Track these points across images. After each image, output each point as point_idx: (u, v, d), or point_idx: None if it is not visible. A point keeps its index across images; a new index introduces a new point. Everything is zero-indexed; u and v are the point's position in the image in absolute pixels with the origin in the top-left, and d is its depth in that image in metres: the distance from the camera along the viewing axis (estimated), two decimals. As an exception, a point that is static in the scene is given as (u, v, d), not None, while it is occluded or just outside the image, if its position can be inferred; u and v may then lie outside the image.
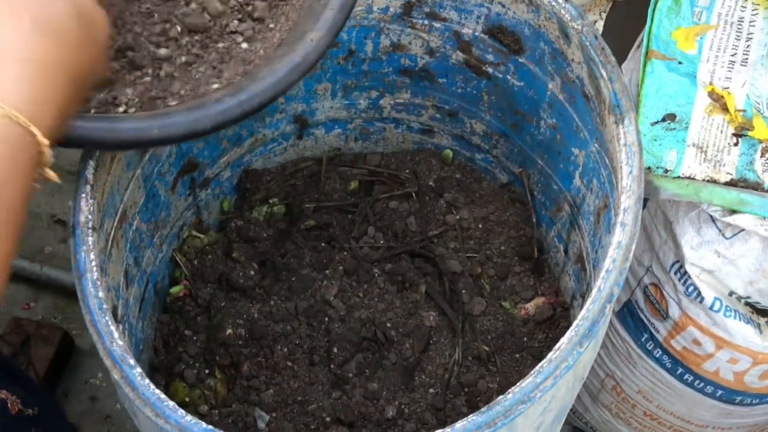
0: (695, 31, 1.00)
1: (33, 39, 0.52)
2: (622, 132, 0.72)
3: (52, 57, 0.53)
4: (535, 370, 0.59)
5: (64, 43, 0.54)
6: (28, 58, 0.52)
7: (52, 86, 0.53)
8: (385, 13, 0.93)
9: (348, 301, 0.98)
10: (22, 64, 0.51)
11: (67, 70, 0.54)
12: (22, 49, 0.52)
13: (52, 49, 0.53)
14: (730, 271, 0.99)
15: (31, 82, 0.51)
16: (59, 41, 0.53)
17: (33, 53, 0.52)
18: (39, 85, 0.52)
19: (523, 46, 0.88)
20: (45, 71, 0.52)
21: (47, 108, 0.52)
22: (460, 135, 1.06)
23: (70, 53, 0.54)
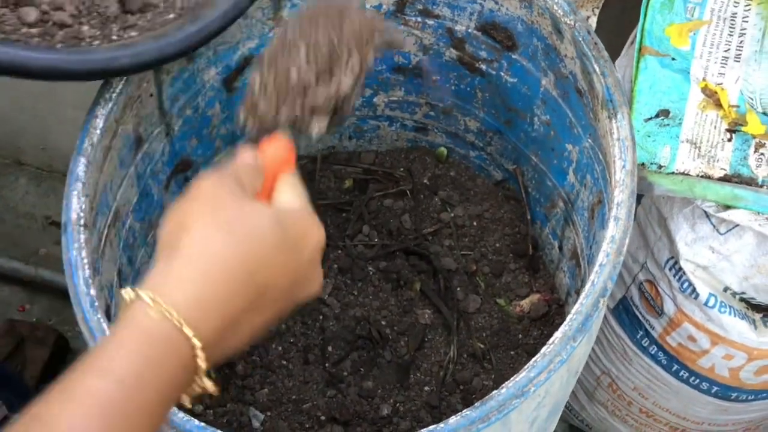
0: (688, 27, 1.01)
1: (225, 251, 0.49)
2: (615, 127, 0.72)
3: (232, 269, 0.49)
4: (529, 364, 0.59)
5: (253, 260, 0.49)
6: (207, 265, 0.48)
7: (222, 297, 0.48)
8: (378, 10, 0.93)
9: (343, 299, 0.98)
10: (198, 267, 0.48)
11: (249, 286, 0.49)
12: (207, 254, 0.48)
13: (236, 263, 0.49)
14: (724, 266, 0.98)
15: (197, 286, 0.47)
16: (249, 258, 0.49)
17: (217, 262, 0.48)
18: (207, 292, 0.48)
19: (516, 42, 0.88)
20: (219, 282, 0.48)
21: (210, 317, 0.47)
22: (455, 132, 1.06)
23: (258, 274, 0.50)
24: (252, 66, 0.94)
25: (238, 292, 0.48)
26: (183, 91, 0.87)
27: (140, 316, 0.46)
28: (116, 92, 0.73)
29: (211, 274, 0.48)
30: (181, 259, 0.48)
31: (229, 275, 0.48)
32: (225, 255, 0.48)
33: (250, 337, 0.51)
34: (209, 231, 0.49)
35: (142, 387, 0.45)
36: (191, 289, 0.47)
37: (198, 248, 0.48)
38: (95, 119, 0.71)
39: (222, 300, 0.48)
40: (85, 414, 0.44)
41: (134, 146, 0.82)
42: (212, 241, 0.49)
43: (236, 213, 0.51)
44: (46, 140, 1.62)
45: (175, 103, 0.87)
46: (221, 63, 0.90)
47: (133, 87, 0.76)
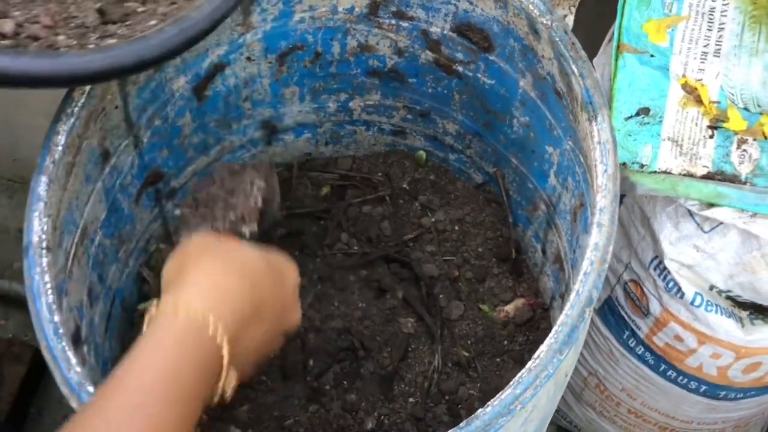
0: (666, 23, 0.99)
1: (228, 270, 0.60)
2: (596, 129, 0.70)
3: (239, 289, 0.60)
4: (514, 380, 0.57)
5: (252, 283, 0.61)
6: (216, 279, 0.59)
7: (233, 299, 0.58)
8: (350, 13, 0.91)
9: (323, 310, 0.95)
10: (209, 281, 0.58)
11: (252, 294, 0.60)
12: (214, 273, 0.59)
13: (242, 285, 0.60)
14: (709, 265, 0.97)
15: (212, 293, 0.57)
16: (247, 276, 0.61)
17: (223, 278, 0.59)
18: (220, 298, 0.57)
19: (492, 43, 0.86)
20: (228, 290, 0.59)
21: (227, 315, 0.56)
22: (433, 136, 1.04)
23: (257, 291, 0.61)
24: (221, 77, 0.91)
25: (244, 299, 0.59)
26: (150, 102, 0.84)
27: (167, 322, 0.54)
28: (78, 106, 0.70)
29: (221, 284, 0.58)
30: (191, 280, 0.58)
31: (235, 285, 0.59)
32: (228, 272, 0.59)
33: (253, 350, 0.61)
34: (212, 259, 0.60)
35: (180, 378, 0.52)
36: (206, 296, 0.57)
37: (204, 270, 0.59)
38: (56, 136, 0.68)
39: (234, 301, 0.58)
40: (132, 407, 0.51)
41: (100, 160, 0.80)
42: (216, 264, 0.59)
43: (231, 247, 0.64)
44: (18, 151, 1.59)
45: (143, 114, 0.84)
46: (190, 71, 0.87)
47: (96, 100, 0.73)
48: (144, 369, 0.52)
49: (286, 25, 0.91)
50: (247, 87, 0.95)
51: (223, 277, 0.59)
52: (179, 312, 0.55)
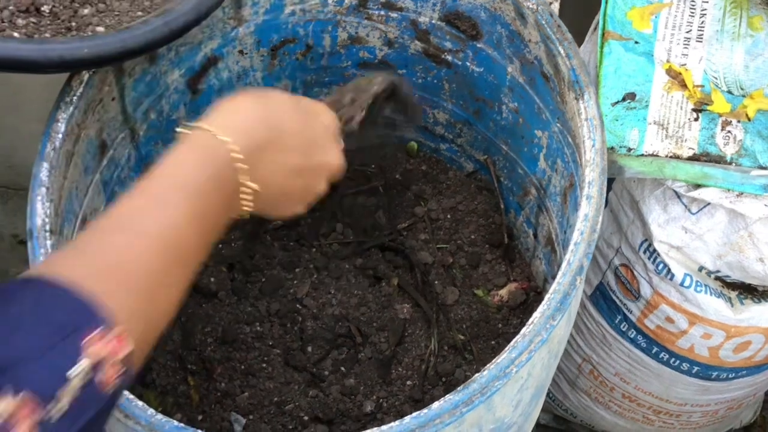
0: (650, 10, 1.01)
1: (246, 102, 0.63)
2: (583, 107, 0.72)
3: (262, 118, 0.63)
4: (510, 345, 0.59)
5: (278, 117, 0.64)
6: (232, 107, 0.62)
7: (244, 124, 0.61)
8: (340, 5, 0.93)
9: (320, 298, 0.97)
10: (226, 108, 0.62)
11: (266, 122, 0.63)
12: (233, 103, 0.62)
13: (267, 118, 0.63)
14: (698, 246, 0.99)
15: (225, 116, 0.61)
16: (265, 107, 0.64)
17: (241, 110, 0.62)
18: (232, 119, 0.61)
19: (480, 30, 0.88)
20: (240, 116, 0.62)
21: (239, 133, 0.60)
22: (424, 126, 1.06)
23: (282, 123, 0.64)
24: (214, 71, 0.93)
25: (257, 119, 0.62)
26: (146, 94, 0.86)
27: (186, 139, 0.59)
28: (76, 95, 0.72)
29: (239, 109, 0.62)
30: (218, 110, 0.62)
31: (249, 110, 0.62)
32: (248, 102, 0.63)
33: (281, 175, 0.63)
34: (243, 97, 0.63)
35: (205, 195, 0.56)
36: (223, 117, 0.61)
37: (231, 103, 0.62)
38: (56, 123, 0.70)
39: (246, 121, 0.61)
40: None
41: (98, 152, 0.81)
42: (244, 99, 0.63)
43: (267, 90, 0.66)
44: (12, 157, 1.59)
45: (139, 106, 0.86)
46: (184, 64, 0.89)
47: (94, 90, 0.75)
48: (165, 178, 0.57)
49: (277, 18, 0.93)
50: (240, 80, 0.97)
51: (242, 104, 0.62)
52: (197, 129, 0.59)
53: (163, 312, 0.53)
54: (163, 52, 0.85)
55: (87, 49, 0.63)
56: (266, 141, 0.61)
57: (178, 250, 0.54)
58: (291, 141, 0.63)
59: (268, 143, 0.62)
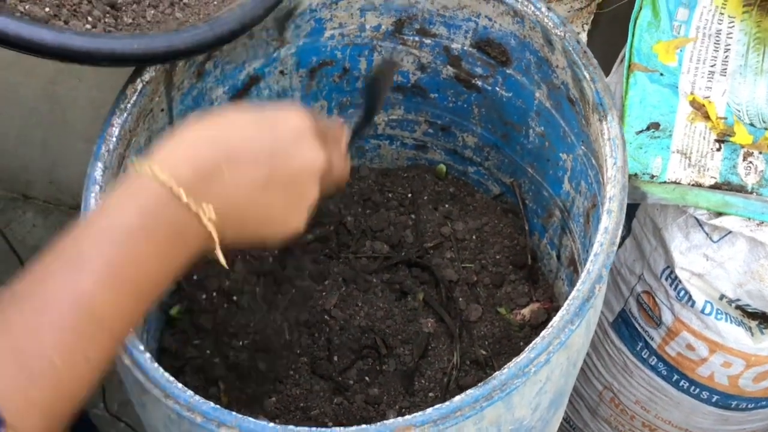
0: (675, 44, 1.05)
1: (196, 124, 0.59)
2: (606, 128, 0.76)
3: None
4: (529, 346, 0.62)
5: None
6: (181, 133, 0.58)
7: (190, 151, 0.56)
8: (377, 31, 0.98)
9: (347, 310, 1.00)
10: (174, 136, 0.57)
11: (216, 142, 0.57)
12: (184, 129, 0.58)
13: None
14: (719, 274, 1.01)
15: (169, 146, 0.56)
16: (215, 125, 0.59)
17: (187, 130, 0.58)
18: (175, 148, 0.56)
19: (510, 57, 0.92)
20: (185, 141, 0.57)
21: (179, 163, 0.55)
22: (453, 149, 1.09)
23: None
24: (256, 89, 0.98)
25: (200, 153, 0.56)
26: (192, 108, 0.91)
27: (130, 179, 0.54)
28: (130, 103, 0.77)
29: (179, 140, 0.57)
30: (162, 142, 0.57)
31: (192, 134, 0.57)
32: (193, 128, 0.58)
33: (242, 194, 0.56)
34: (190, 121, 0.59)
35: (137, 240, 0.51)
36: (165, 151, 0.56)
37: (176, 132, 0.58)
38: (111, 127, 0.75)
39: (187, 153, 0.55)
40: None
41: (146, 160, 0.86)
42: (188, 125, 0.58)
43: (223, 109, 0.61)
44: (54, 173, 1.65)
45: (185, 119, 0.90)
46: (228, 82, 0.94)
47: (146, 100, 0.80)
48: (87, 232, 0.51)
49: (317, 41, 0.98)
50: (279, 99, 1.02)
51: (189, 131, 0.57)
52: (139, 166, 0.54)
53: (70, 394, 0.47)
54: (209, 68, 0.90)
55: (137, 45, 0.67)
56: (214, 163, 0.55)
57: (95, 322, 0.48)
58: (246, 155, 0.57)
59: (216, 166, 0.55)
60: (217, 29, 0.72)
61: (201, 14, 0.77)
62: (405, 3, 0.94)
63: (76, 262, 0.49)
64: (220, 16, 0.73)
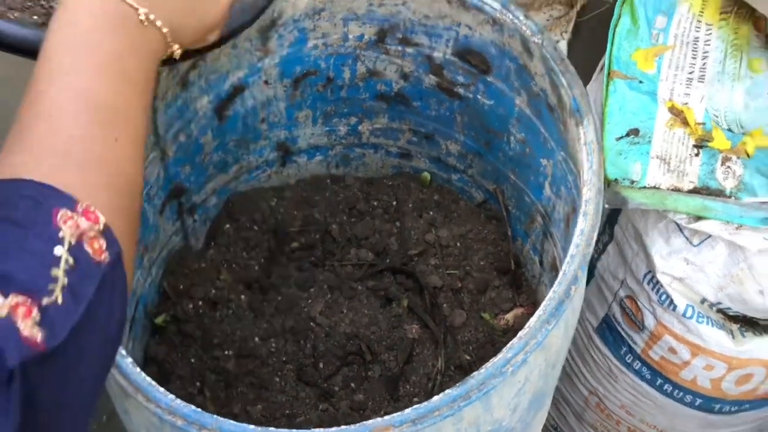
0: (654, 51, 1.07)
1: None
2: (582, 132, 0.77)
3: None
4: (507, 347, 0.62)
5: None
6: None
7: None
8: (360, 41, 0.99)
9: (332, 317, 1.01)
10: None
11: None
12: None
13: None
14: (699, 277, 1.02)
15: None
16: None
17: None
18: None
19: (490, 65, 0.94)
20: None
21: None
22: (437, 157, 1.11)
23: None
24: (240, 99, 0.99)
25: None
26: (177, 118, 0.92)
27: None
28: (114, 112, 0.78)
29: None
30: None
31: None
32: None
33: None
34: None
35: (120, 58, 0.53)
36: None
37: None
38: (95, 136, 0.75)
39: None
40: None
41: (131, 168, 0.87)
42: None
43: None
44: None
45: (170, 129, 0.92)
46: (212, 91, 0.95)
47: (130, 109, 0.81)
48: (61, 44, 0.53)
49: (300, 51, 0.99)
50: (264, 109, 1.03)
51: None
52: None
53: (121, 172, 0.51)
54: (193, 78, 0.91)
55: None
56: None
57: (101, 106, 0.51)
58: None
59: None
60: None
61: None
62: (387, 13, 0.95)
63: (63, 69, 0.52)
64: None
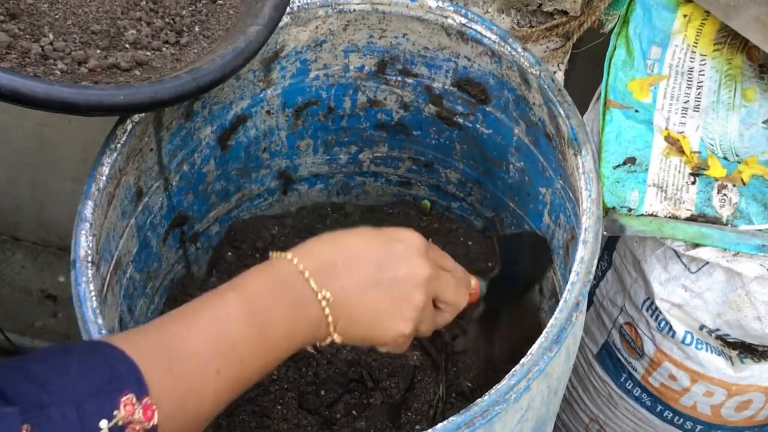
0: (649, 81, 1.08)
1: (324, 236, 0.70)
2: (581, 162, 0.79)
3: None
4: (509, 374, 0.63)
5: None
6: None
7: (317, 249, 0.68)
8: (361, 71, 1.01)
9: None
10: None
11: (335, 245, 0.69)
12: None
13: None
14: (698, 304, 1.03)
15: (300, 248, 0.68)
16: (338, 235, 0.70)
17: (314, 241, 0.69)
18: (305, 247, 0.68)
19: (489, 95, 0.95)
20: (312, 245, 0.68)
21: (309, 257, 0.66)
22: (437, 185, 1.12)
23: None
24: (243, 128, 1.00)
25: (323, 249, 0.68)
26: (180, 148, 0.93)
27: (270, 261, 0.67)
28: (120, 143, 0.79)
29: (314, 240, 0.69)
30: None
31: (320, 239, 0.69)
32: (322, 236, 0.70)
33: (355, 288, 0.67)
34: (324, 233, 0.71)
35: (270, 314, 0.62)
36: (299, 247, 0.68)
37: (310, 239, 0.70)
38: (101, 167, 0.77)
39: (312, 248, 0.68)
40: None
41: (135, 198, 0.88)
42: (321, 234, 0.70)
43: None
44: (42, 215, 1.66)
45: (174, 159, 0.93)
46: (216, 122, 0.96)
47: (136, 140, 0.82)
48: (230, 284, 0.63)
49: (302, 81, 1.00)
50: (266, 138, 1.04)
51: (320, 236, 0.69)
52: (272, 255, 0.67)
53: (199, 400, 0.57)
54: (197, 109, 0.92)
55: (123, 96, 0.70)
56: (333, 259, 0.66)
57: (229, 345, 0.59)
58: (359, 257, 0.67)
59: (335, 261, 0.66)
60: (200, 79, 0.75)
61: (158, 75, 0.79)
62: (387, 44, 0.97)
63: (221, 306, 0.61)
64: (201, 66, 0.76)
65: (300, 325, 0.64)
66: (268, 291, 0.62)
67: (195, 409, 0.56)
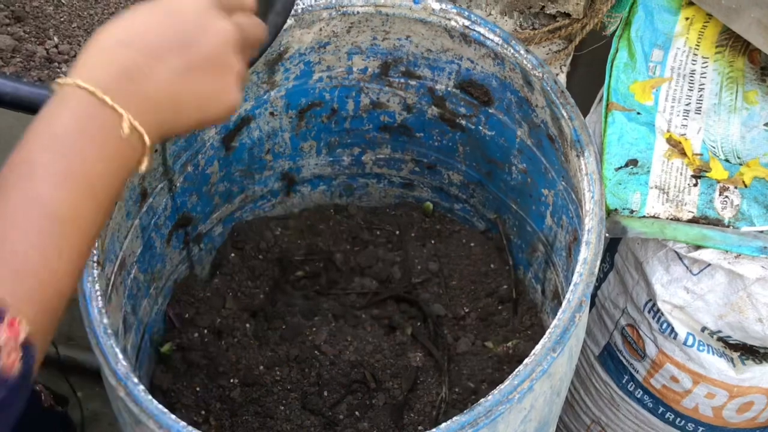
0: (651, 84, 1.09)
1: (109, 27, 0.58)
2: (583, 163, 0.79)
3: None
4: (512, 374, 0.64)
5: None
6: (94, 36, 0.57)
7: (101, 55, 0.57)
8: (364, 74, 1.01)
9: (337, 345, 1.02)
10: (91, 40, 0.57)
11: (126, 46, 0.57)
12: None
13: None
14: (699, 306, 1.03)
15: (84, 54, 0.57)
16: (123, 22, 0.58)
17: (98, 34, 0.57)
18: (89, 54, 0.57)
19: (492, 97, 0.96)
20: (94, 46, 0.57)
21: (96, 68, 0.56)
22: (439, 187, 1.12)
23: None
24: (247, 130, 1.01)
25: (113, 57, 0.57)
26: (185, 149, 0.94)
27: (60, 94, 0.55)
28: (126, 144, 0.79)
29: (94, 49, 0.57)
30: (79, 57, 0.58)
31: (104, 44, 0.57)
32: (102, 36, 0.58)
33: (165, 83, 0.57)
34: (98, 32, 0.58)
35: (81, 156, 0.53)
36: (82, 62, 0.57)
37: (89, 44, 0.58)
38: (107, 167, 0.77)
39: (102, 58, 0.57)
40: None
41: (139, 199, 0.88)
42: (98, 35, 0.58)
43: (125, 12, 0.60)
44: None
45: (178, 160, 0.93)
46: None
47: (141, 141, 0.82)
48: (34, 141, 0.54)
49: (306, 83, 1.01)
50: (269, 140, 1.05)
51: (101, 39, 0.58)
52: (63, 86, 0.56)
53: (55, 286, 0.51)
54: (201, 110, 0.93)
55: None
56: (131, 62, 0.56)
57: (55, 218, 0.52)
58: (159, 46, 0.58)
59: (134, 64, 0.56)
60: None
61: None
62: (391, 47, 0.97)
63: (30, 171, 0.52)
64: None
65: (125, 158, 0.56)
66: (76, 136, 0.53)
67: (57, 300, 0.51)
